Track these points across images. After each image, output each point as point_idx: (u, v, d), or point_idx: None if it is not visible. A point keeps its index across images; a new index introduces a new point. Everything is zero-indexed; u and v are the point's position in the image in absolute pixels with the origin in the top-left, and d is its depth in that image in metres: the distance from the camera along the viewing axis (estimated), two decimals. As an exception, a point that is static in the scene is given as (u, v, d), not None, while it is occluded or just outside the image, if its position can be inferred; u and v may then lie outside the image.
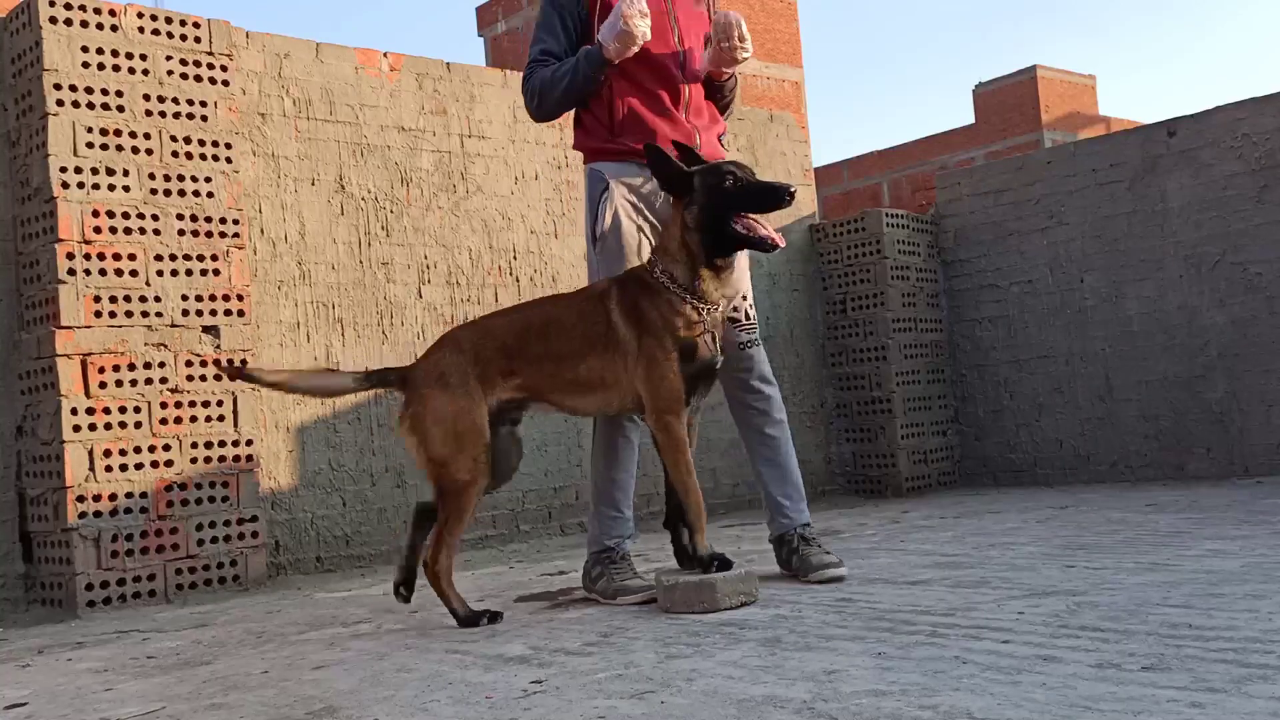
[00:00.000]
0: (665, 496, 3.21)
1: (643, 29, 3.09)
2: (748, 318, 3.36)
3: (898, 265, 6.58)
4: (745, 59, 3.21)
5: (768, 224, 2.95)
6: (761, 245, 2.91)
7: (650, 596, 3.07)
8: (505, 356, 2.93)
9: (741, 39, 3.15)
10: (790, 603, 2.90)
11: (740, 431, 3.45)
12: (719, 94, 3.39)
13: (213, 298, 4.16)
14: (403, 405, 2.95)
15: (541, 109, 3.28)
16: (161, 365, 4.01)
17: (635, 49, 3.11)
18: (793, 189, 2.91)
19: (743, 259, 3.29)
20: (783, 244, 2.92)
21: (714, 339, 2.99)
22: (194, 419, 4.06)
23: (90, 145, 3.95)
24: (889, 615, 2.62)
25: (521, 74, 3.37)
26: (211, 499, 4.08)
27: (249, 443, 4.19)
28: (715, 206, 2.92)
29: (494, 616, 2.95)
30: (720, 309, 3.02)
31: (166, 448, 3.99)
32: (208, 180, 4.20)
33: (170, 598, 3.94)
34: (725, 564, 2.93)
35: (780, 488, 3.39)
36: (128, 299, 3.97)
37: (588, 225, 3.31)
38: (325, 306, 4.73)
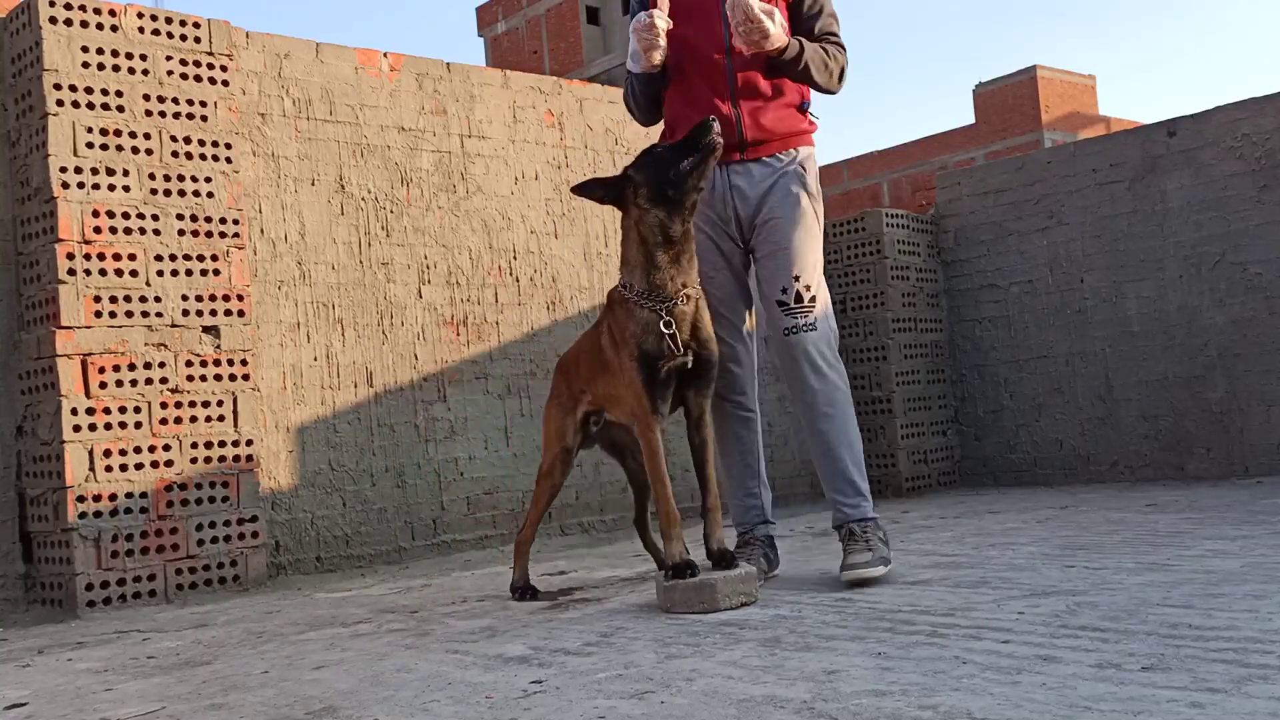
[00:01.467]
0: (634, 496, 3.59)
1: (650, 42, 3.16)
2: (798, 300, 3.24)
3: (898, 265, 6.58)
4: (763, 42, 3.11)
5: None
6: (709, 149, 2.93)
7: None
8: (578, 379, 3.35)
9: (751, 20, 3.07)
10: (790, 603, 2.90)
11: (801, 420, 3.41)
12: (783, 69, 3.26)
13: (213, 298, 4.16)
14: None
15: (635, 117, 3.52)
16: (161, 365, 4.01)
17: (655, 61, 3.20)
18: (713, 118, 2.94)
19: (798, 234, 3.25)
20: (720, 139, 2.93)
21: (682, 332, 2.96)
22: (194, 419, 4.06)
23: (90, 145, 3.95)
24: (889, 615, 2.62)
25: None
26: (211, 499, 4.08)
27: (249, 443, 4.19)
28: (658, 166, 2.97)
29: (532, 593, 3.37)
30: (688, 300, 2.98)
31: (166, 448, 3.99)
32: (208, 180, 4.20)
33: (170, 598, 3.94)
34: (692, 571, 2.87)
35: (830, 481, 3.29)
36: (128, 299, 3.97)
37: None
38: (325, 306, 4.73)
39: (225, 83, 4.29)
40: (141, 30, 4.12)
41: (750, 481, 3.42)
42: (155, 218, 4.06)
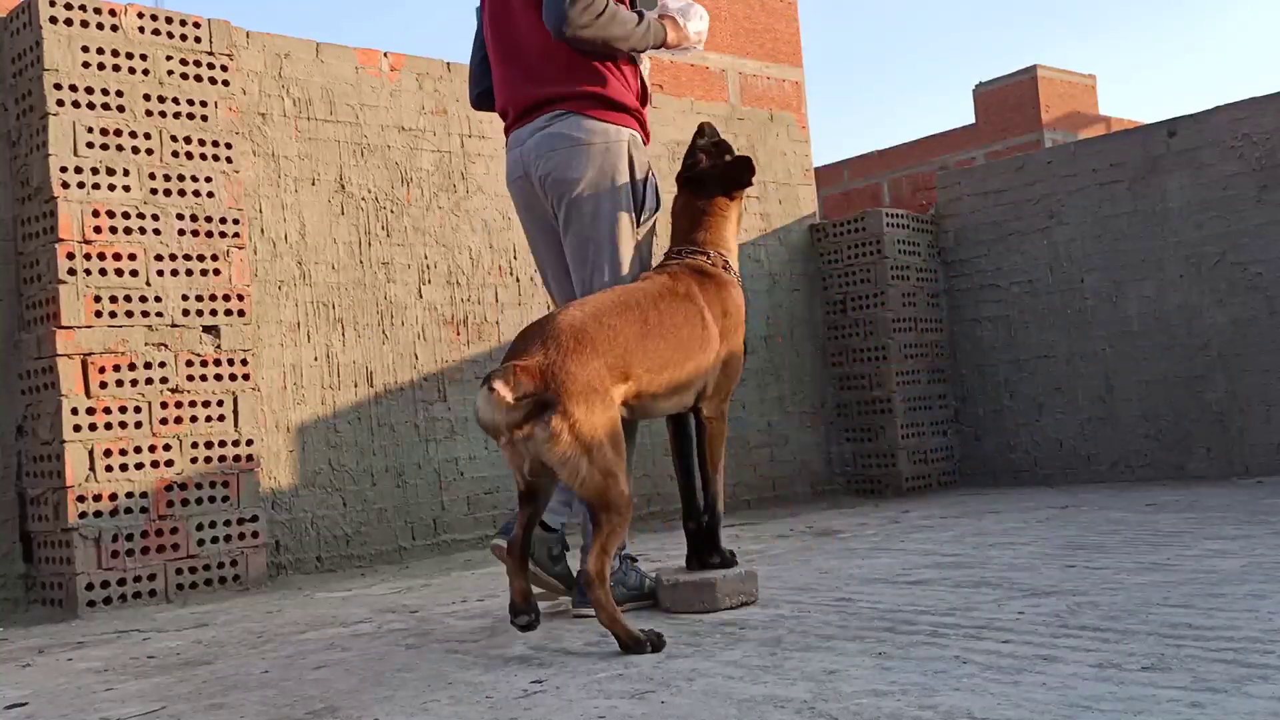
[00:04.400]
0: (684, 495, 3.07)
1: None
2: None
3: (898, 265, 6.58)
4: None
5: None
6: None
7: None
8: (627, 358, 2.61)
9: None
10: (790, 603, 2.90)
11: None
12: None
13: (213, 298, 4.16)
14: (559, 415, 2.39)
15: (589, 28, 2.90)
16: (162, 365, 4.01)
17: (688, 52, 3.20)
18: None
19: None
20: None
21: None
22: (194, 419, 4.06)
23: (90, 145, 3.95)
24: (889, 615, 2.62)
25: (563, 9, 2.91)
26: (211, 499, 4.08)
27: (249, 443, 4.19)
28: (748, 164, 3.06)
29: (657, 643, 2.41)
30: None
31: (166, 448, 3.99)
32: (208, 180, 4.20)
33: (170, 598, 3.94)
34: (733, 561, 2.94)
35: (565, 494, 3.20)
36: (128, 299, 3.97)
37: (632, 191, 3.05)
38: (325, 306, 4.73)
39: (225, 83, 4.29)
40: (142, 30, 4.12)
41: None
42: (155, 217, 4.06)
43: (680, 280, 2.88)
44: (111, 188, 3.98)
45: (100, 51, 4.01)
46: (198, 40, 4.24)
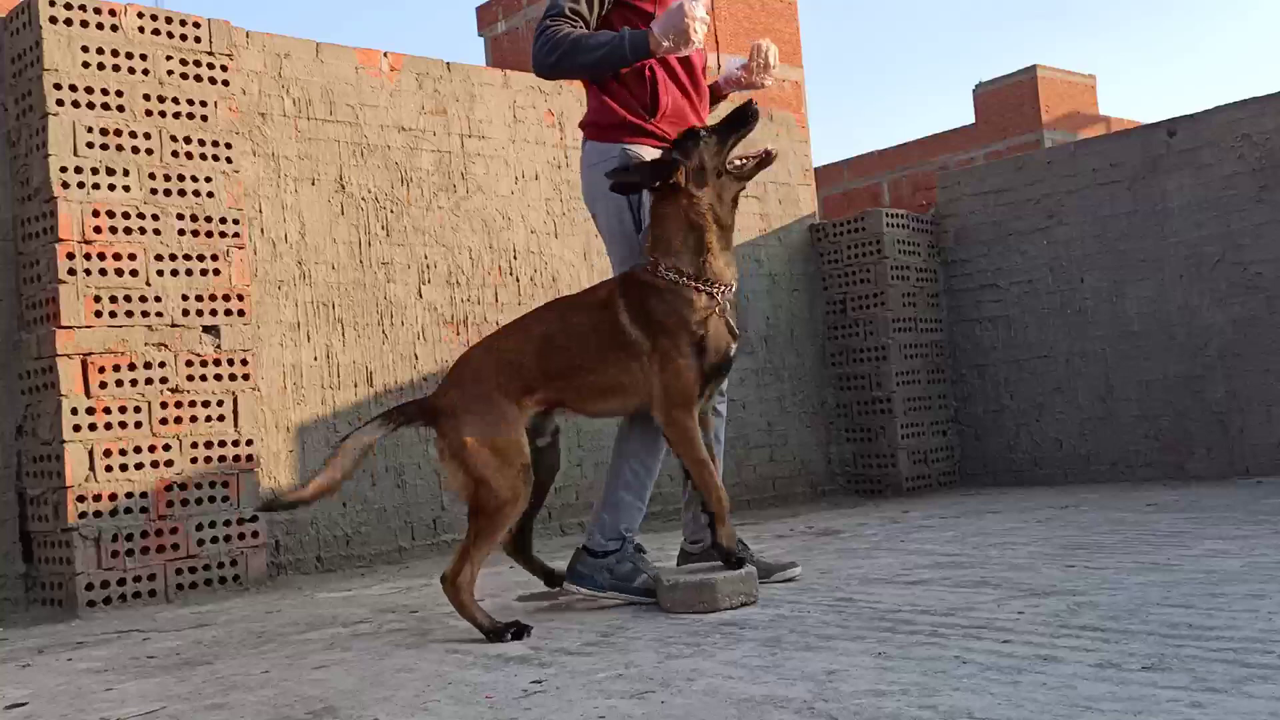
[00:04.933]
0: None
1: (700, 35, 3.10)
2: None
3: (898, 265, 6.58)
4: (766, 85, 3.40)
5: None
6: (766, 162, 3.06)
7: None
8: (523, 374, 2.92)
9: (769, 68, 3.33)
10: (790, 603, 2.90)
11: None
12: (714, 101, 3.53)
13: (213, 298, 4.16)
14: (439, 435, 2.89)
15: (558, 67, 3.15)
16: (162, 365, 4.01)
17: (685, 52, 3.13)
18: (754, 103, 3.04)
19: None
20: (777, 152, 3.10)
21: (730, 322, 2.99)
22: (194, 419, 4.06)
23: (90, 145, 3.95)
24: (889, 615, 2.62)
25: (535, 53, 3.18)
26: (211, 499, 4.08)
27: (249, 443, 4.19)
28: (711, 154, 3.00)
29: (520, 631, 2.71)
30: (733, 288, 3.00)
31: (166, 448, 3.99)
32: (208, 180, 4.20)
33: (170, 598, 3.94)
34: (738, 563, 2.93)
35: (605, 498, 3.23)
36: (128, 299, 3.97)
37: (629, 209, 3.20)
38: (325, 306, 4.73)
39: (225, 82, 4.29)
40: (141, 30, 4.12)
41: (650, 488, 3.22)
42: (155, 217, 4.06)
43: (602, 289, 3.08)
44: (111, 188, 3.98)
45: (100, 51, 4.01)
46: (198, 40, 4.24)
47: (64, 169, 3.88)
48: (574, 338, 2.96)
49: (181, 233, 4.11)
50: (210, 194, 4.20)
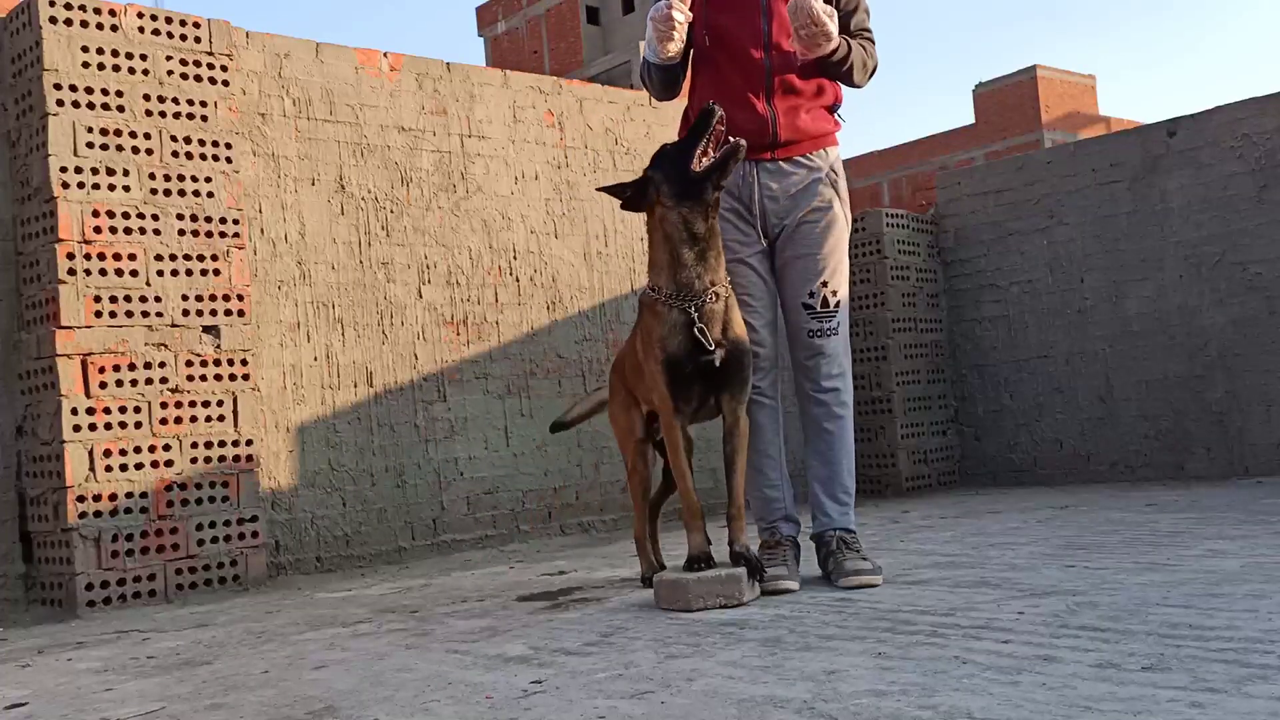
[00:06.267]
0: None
1: (665, 33, 3.12)
2: (824, 305, 3.24)
3: (898, 265, 6.58)
4: (826, 45, 3.06)
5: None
6: (733, 153, 2.96)
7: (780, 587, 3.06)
8: (625, 377, 3.42)
9: (817, 24, 3.01)
10: (790, 603, 2.90)
11: (801, 421, 3.39)
12: (827, 69, 3.24)
13: (213, 298, 4.16)
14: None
15: (650, 92, 3.42)
16: (161, 365, 4.01)
17: (671, 53, 3.15)
18: (716, 104, 3.00)
19: (829, 241, 3.24)
20: (744, 141, 2.97)
21: (713, 330, 2.96)
22: (194, 419, 4.06)
23: (90, 145, 3.95)
24: (889, 615, 2.62)
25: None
26: (211, 499, 4.08)
27: (249, 443, 4.19)
28: (674, 163, 2.99)
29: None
30: (716, 298, 2.98)
31: (166, 448, 3.99)
32: (208, 180, 4.20)
33: (170, 598, 3.94)
34: (706, 564, 2.97)
35: (824, 486, 3.28)
36: (128, 299, 3.97)
37: None
38: (325, 306, 4.73)
39: (225, 83, 4.29)
40: (141, 30, 4.12)
41: (772, 473, 3.31)
42: (155, 218, 4.06)
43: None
44: (111, 188, 3.98)
45: (100, 51, 4.01)
46: (197, 40, 4.24)
47: (64, 169, 3.88)
48: (629, 354, 3.36)
49: (181, 233, 4.11)
50: (210, 194, 4.20)
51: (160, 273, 4.05)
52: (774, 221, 3.27)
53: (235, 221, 4.25)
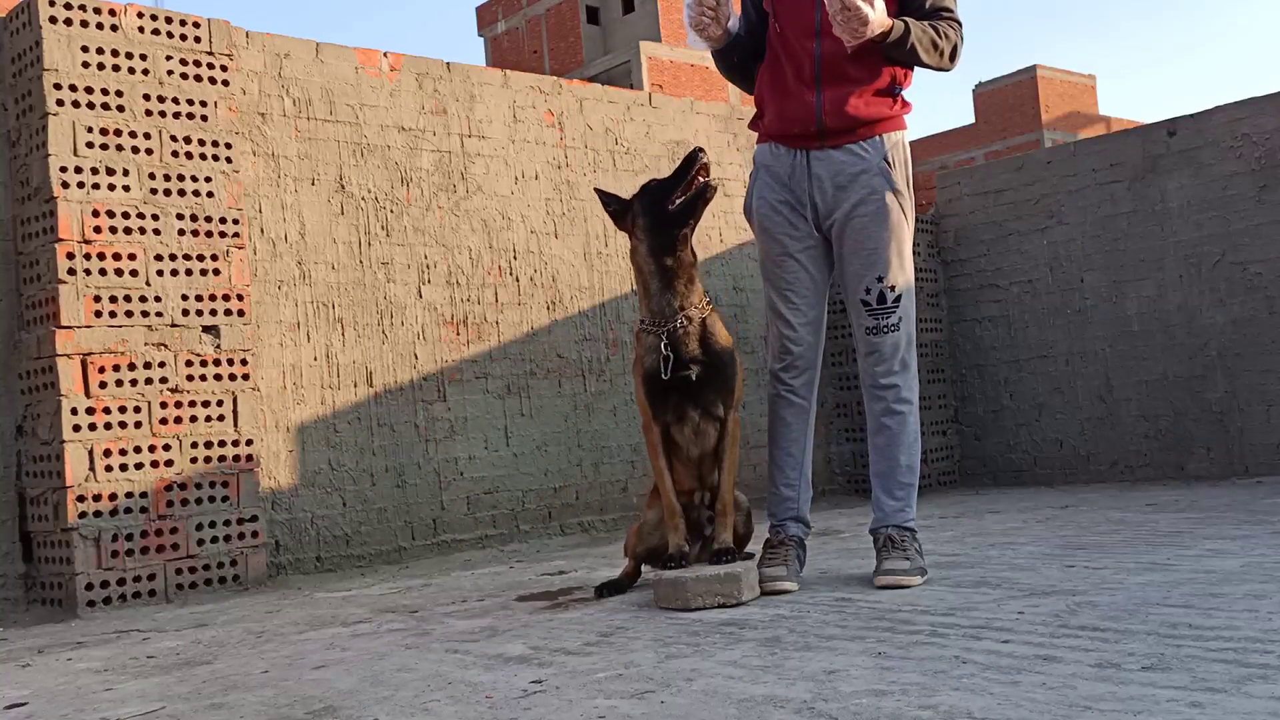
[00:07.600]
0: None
1: (696, 19, 3.20)
2: (881, 301, 3.20)
3: (898, 265, 6.58)
4: (863, 30, 2.97)
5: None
6: (702, 193, 3.10)
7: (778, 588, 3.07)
8: None
9: (849, 8, 2.93)
10: (790, 603, 2.90)
11: (866, 415, 3.38)
12: (889, 53, 3.14)
13: (213, 297, 4.16)
14: None
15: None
16: (161, 365, 4.01)
17: (713, 35, 3.21)
18: (701, 150, 3.11)
19: (883, 234, 3.19)
20: (714, 183, 3.12)
21: (688, 349, 3.09)
22: (194, 419, 4.06)
23: (90, 145, 3.95)
24: (889, 615, 2.63)
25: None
26: (211, 499, 4.08)
27: (249, 443, 4.19)
28: (654, 199, 3.13)
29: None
30: (688, 321, 3.10)
31: (166, 448, 3.99)
32: (208, 180, 4.20)
33: (170, 598, 3.94)
34: (680, 562, 3.05)
35: (881, 481, 3.26)
36: (128, 299, 3.97)
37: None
38: (325, 306, 4.73)
39: (225, 82, 4.29)
40: (141, 30, 4.12)
41: (790, 472, 3.32)
42: (155, 217, 4.06)
43: None
44: (111, 188, 3.98)
45: (100, 51, 4.01)
46: (197, 40, 4.24)
47: (64, 169, 3.88)
48: None
49: (181, 233, 4.11)
50: (210, 194, 4.20)
51: (160, 272, 4.05)
52: (824, 213, 3.23)
53: (235, 221, 4.25)
